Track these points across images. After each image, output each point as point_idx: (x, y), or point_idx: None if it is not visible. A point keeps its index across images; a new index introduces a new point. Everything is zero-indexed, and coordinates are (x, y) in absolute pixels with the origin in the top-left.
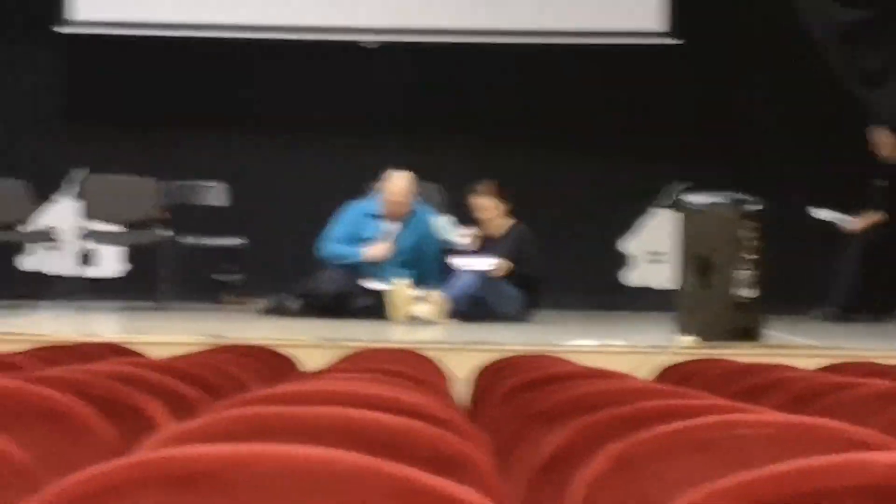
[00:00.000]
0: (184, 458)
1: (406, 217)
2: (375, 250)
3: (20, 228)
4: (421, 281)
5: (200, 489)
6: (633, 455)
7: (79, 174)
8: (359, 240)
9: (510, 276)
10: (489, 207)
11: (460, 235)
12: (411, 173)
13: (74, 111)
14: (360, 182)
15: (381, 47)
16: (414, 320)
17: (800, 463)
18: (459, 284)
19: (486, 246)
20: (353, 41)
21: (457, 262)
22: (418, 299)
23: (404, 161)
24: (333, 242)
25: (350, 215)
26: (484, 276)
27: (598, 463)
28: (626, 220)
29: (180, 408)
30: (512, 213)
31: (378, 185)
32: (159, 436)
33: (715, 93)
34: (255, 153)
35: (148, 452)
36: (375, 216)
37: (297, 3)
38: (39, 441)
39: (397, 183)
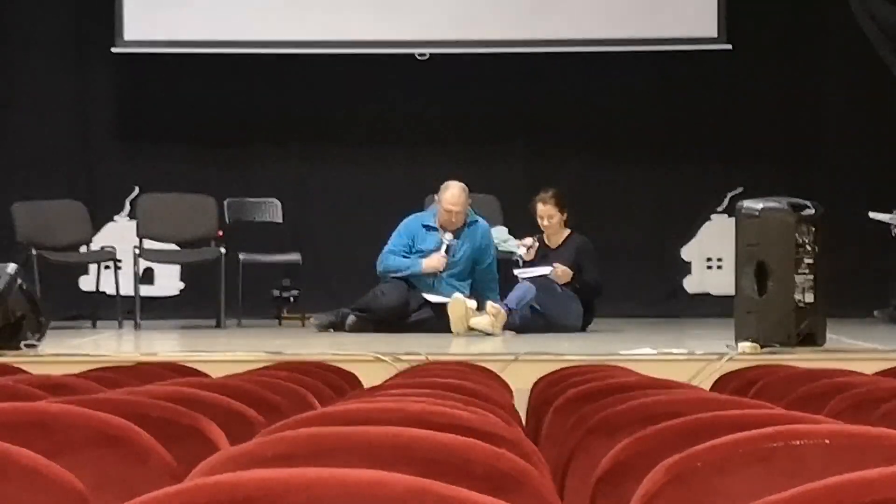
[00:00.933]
0: (237, 484)
1: (462, 228)
2: (431, 261)
3: (82, 249)
4: (477, 292)
5: None
6: (690, 468)
7: (134, 194)
8: (416, 252)
9: (568, 286)
10: (552, 215)
11: (519, 245)
12: (461, 183)
13: (129, 131)
14: (414, 195)
15: (432, 59)
16: (473, 332)
17: (857, 474)
18: (518, 295)
19: (544, 256)
20: (405, 53)
21: (515, 272)
22: (477, 311)
23: (458, 173)
24: (391, 256)
25: (407, 228)
26: (542, 287)
27: (655, 476)
28: (683, 226)
29: (240, 428)
30: (568, 223)
31: (434, 196)
32: (215, 459)
33: (770, 98)
34: (308, 169)
35: (202, 478)
36: (432, 227)
37: (349, 18)
38: (96, 466)
39: (453, 192)
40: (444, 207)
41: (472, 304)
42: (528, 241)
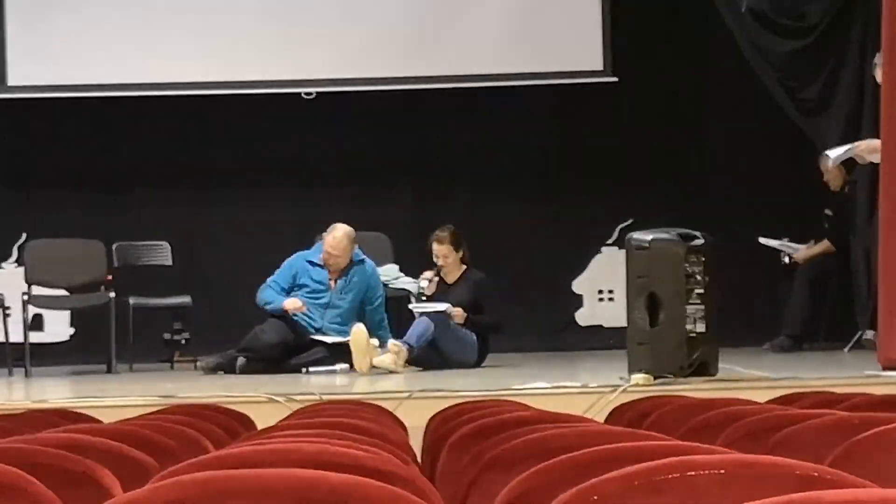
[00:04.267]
0: None
1: (348, 268)
2: (290, 303)
3: None
4: (369, 331)
5: None
6: (586, 501)
7: (21, 240)
8: (299, 286)
9: (466, 323)
10: (447, 255)
11: (421, 279)
12: (349, 227)
13: (14, 176)
14: (303, 235)
15: (319, 97)
16: (374, 370)
17: None
18: (418, 331)
19: (441, 292)
20: (291, 92)
21: (411, 307)
22: (378, 349)
23: (347, 211)
24: (267, 289)
25: (291, 265)
26: (440, 323)
27: None
28: (574, 259)
29: (133, 473)
30: (465, 259)
31: (323, 235)
32: None
33: (657, 129)
34: (196, 211)
35: None
36: (317, 264)
37: (234, 59)
38: None
39: (335, 236)
40: (325, 248)
41: (375, 341)
42: (428, 274)
